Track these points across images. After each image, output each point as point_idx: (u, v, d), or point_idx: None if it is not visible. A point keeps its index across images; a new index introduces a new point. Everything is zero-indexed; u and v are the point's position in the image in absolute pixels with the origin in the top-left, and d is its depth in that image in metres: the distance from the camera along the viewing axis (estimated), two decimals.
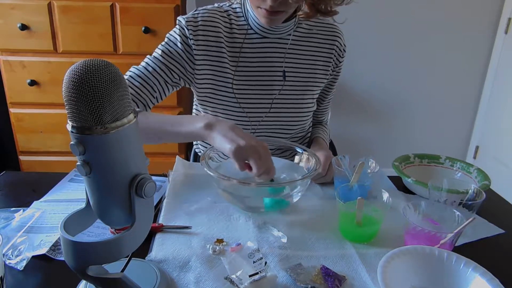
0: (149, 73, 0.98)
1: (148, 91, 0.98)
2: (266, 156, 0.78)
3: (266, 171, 0.77)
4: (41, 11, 1.84)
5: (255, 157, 0.76)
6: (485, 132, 2.66)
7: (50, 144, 2.06)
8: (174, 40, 1.00)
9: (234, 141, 0.77)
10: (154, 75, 0.98)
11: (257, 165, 0.76)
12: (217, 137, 0.80)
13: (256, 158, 0.76)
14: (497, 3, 2.47)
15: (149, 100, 0.99)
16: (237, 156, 0.76)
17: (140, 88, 0.97)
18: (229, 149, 0.76)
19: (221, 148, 0.79)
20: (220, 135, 0.79)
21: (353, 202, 0.76)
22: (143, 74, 0.97)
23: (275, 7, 0.89)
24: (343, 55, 1.12)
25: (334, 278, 0.63)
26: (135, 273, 0.60)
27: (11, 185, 0.96)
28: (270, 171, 0.78)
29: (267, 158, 0.78)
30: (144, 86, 0.97)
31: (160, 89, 1.00)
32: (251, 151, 0.76)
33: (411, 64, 2.58)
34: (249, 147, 0.76)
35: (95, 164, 0.49)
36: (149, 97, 0.98)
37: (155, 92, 0.99)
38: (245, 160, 0.77)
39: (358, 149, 2.74)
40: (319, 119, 1.26)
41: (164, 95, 1.02)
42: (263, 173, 0.77)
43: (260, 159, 0.76)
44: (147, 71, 0.98)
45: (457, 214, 0.73)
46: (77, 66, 0.45)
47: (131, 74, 0.98)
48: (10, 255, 0.68)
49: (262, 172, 0.77)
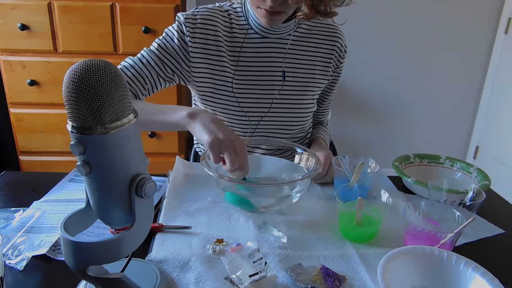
0: (142, 65, 0.99)
1: (139, 82, 0.99)
2: (242, 153, 0.78)
3: (239, 168, 0.77)
4: (41, 11, 1.84)
5: (230, 151, 0.76)
6: (485, 132, 2.66)
7: (50, 144, 2.06)
8: (171, 35, 1.01)
9: (212, 133, 0.77)
10: (147, 67, 0.99)
11: (231, 160, 0.76)
12: (197, 126, 0.80)
13: (231, 153, 0.76)
14: (497, 3, 2.47)
15: (139, 92, 1.00)
16: (213, 148, 0.76)
17: (132, 79, 0.98)
18: (206, 140, 0.77)
19: (200, 138, 0.79)
20: (200, 125, 0.80)
21: (353, 202, 0.76)
22: (136, 65, 0.99)
23: (275, 8, 0.90)
24: (344, 56, 1.12)
25: (334, 278, 0.63)
26: (135, 273, 0.60)
27: (11, 185, 0.96)
28: (243, 168, 0.78)
29: (243, 154, 0.78)
30: (136, 77, 0.98)
31: (151, 82, 1.00)
32: (228, 145, 0.76)
33: (411, 64, 2.58)
34: (226, 141, 0.76)
35: (95, 164, 0.49)
36: (140, 89, 0.99)
37: (146, 84, 1.00)
38: (220, 153, 0.77)
39: (358, 149, 2.74)
40: (320, 119, 1.26)
41: (156, 89, 1.03)
42: (236, 169, 0.77)
43: (236, 155, 0.77)
44: (140, 62, 0.99)
45: (457, 214, 0.73)
46: (77, 66, 0.45)
47: (125, 64, 0.99)
48: (10, 255, 0.68)
49: (235, 168, 0.77)
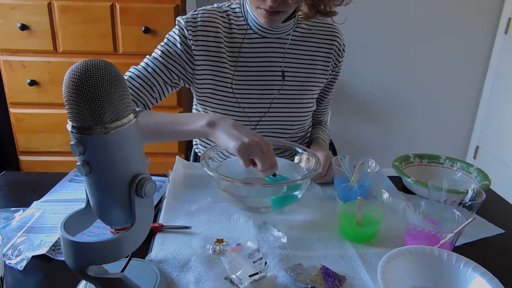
0: (148, 74, 0.98)
1: (147, 92, 0.98)
2: (270, 152, 0.79)
3: (270, 166, 0.79)
4: (41, 11, 1.84)
5: (259, 153, 0.77)
6: (485, 132, 2.66)
7: (50, 144, 2.06)
8: (173, 41, 1.00)
9: (238, 139, 0.78)
10: (153, 76, 0.98)
11: (262, 160, 0.77)
12: (221, 134, 0.81)
13: (260, 154, 0.77)
14: (497, 3, 2.47)
15: (148, 101, 0.99)
16: (241, 152, 0.77)
17: (140, 89, 0.97)
18: (234, 146, 0.77)
19: (225, 145, 0.80)
20: (223, 133, 0.81)
21: (353, 202, 0.76)
22: (143, 75, 0.98)
23: (274, 8, 0.90)
24: (342, 55, 1.12)
25: (334, 278, 0.63)
26: (135, 273, 0.60)
27: (11, 185, 0.96)
28: (274, 166, 0.79)
29: (271, 153, 0.80)
30: (144, 86, 0.97)
31: (159, 90, 1.00)
32: (255, 147, 0.77)
33: (411, 64, 2.58)
34: (253, 144, 0.77)
35: (95, 164, 0.49)
36: (149, 98, 0.99)
37: (155, 92, 0.99)
38: (249, 157, 0.78)
39: (358, 149, 2.74)
40: (319, 119, 1.26)
41: (164, 96, 1.02)
42: (268, 168, 0.78)
43: (264, 154, 0.78)
44: (146, 71, 0.98)
45: (457, 214, 0.73)
46: (77, 66, 0.45)
47: (131, 75, 0.98)
48: (10, 255, 0.68)
49: (267, 167, 0.78)
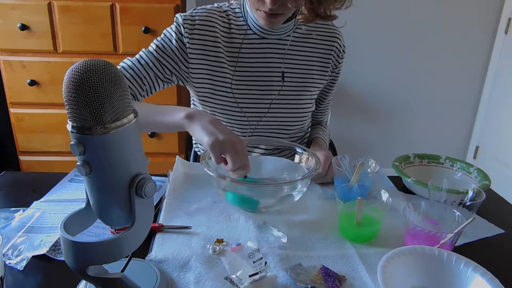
0: (140, 66, 0.99)
1: (137, 84, 0.99)
2: (243, 152, 0.78)
3: (241, 167, 0.78)
4: (41, 11, 1.84)
5: (232, 151, 0.77)
6: (485, 132, 2.66)
7: (50, 144, 2.06)
8: (169, 36, 1.01)
9: (212, 134, 0.78)
10: (145, 68, 0.99)
11: (233, 160, 0.77)
12: (197, 128, 0.81)
13: (233, 153, 0.77)
14: (497, 3, 2.47)
15: (138, 93, 1.00)
16: (214, 149, 0.77)
17: (130, 80, 0.98)
18: (207, 141, 0.77)
19: (200, 139, 0.80)
20: (199, 127, 0.80)
21: (353, 202, 0.76)
22: (135, 66, 0.99)
23: (274, 10, 0.89)
24: (342, 56, 1.12)
25: (334, 278, 0.63)
26: (135, 273, 0.60)
27: (11, 185, 0.96)
28: (245, 167, 0.79)
29: (244, 154, 0.79)
30: (134, 78, 0.98)
31: (150, 83, 1.01)
32: (229, 146, 0.77)
33: (411, 64, 2.58)
34: (226, 141, 0.77)
35: (95, 164, 0.49)
36: (138, 90, 1.00)
37: (145, 85, 1.00)
38: (221, 154, 0.78)
39: (358, 149, 2.74)
40: (319, 119, 1.26)
41: (154, 90, 1.03)
42: (238, 168, 0.78)
43: (237, 154, 0.77)
44: (139, 63, 0.99)
45: (457, 214, 0.73)
46: (77, 66, 0.45)
47: (124, 65, 0.99)
48: (10, 255, 0.68)
49: (238, 167, 0.77)
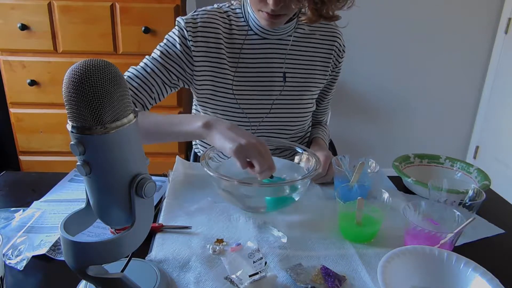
0: (147, 74, 0.98)
1: (146, 92, 0.98)
2: (267, 153, 0.79)
3: (268, 168, 0.78)
4: (41, 11, 1.84)
5: (257, 155, 0.77)
6: (485, 132, 2.66)
7: (50, 144, 2.06)
8: (173, 41, 1.00)
9: (234, 140, 0.77)
10: (152, 76, 0.98)
11: (260, 162, 0.77)
12: (217, 136, 0.80)
13: (258, 156, 0.77)
14: (497, 3, 2.47)
15: (147, 101, 0.99)
16: (238, 154, 0.77)
17: (138, 89, 0.97)
18: (230, 148, 0.77)
19: (222, 147, 0.79)
20: (219, 134, 0.80)
21: (353, 202, 0.76)
22: (142, 75, 0.98)
23: (276, 11, 0.89)
24: (342, 55, 1.12)
25: (334, 278, 0.63)
26: (135, 273, 0.60)
27: (11, 185, 0.96)
28: (271, 167, 0.79)
29: (268, 155, 0.79)
30: (142, 87, 0.97)
31: (158, 90, 1.00)
32: (252, 149, 0.77)
33: (411, 64, 2.58)
34: (249, 145, 0.77)
35: (95, 164, 0.49)
36: (147, 98, 0.98)
37: (153, 93, 0.99)
38: (246, 159, 0.78)
39: (358, 149, 2.74)
40: (319, 119, 1.26)
41: (163, 96, 1.02)
42: (266, 169, 0.78)
43: (262, 156, 0.77)
44: (145, 72, 0.98)
45: (457, 214, 0.73)
46: (77, 66, 0.45)
47: (130, 75, 0.98)
48: (10, 255, 0.68)
49: (265, 169, 0.77)
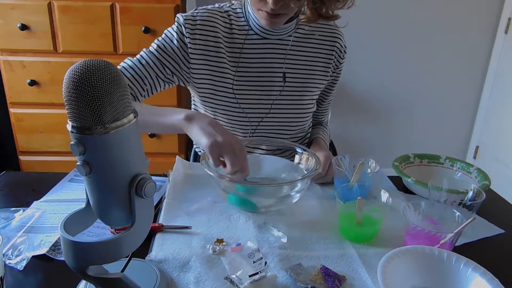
0: (141, 66, 0.98)
1: (138, 83, 0.98)
2: (242, 155, 0.77)
3: (240, 170, 0.77)
4: (41, 11, 1.83)
5: (230, 154, 0.76)
6: (485, 132, 2.66)
7: (50, 144, 2.06)
8: (170, 36, 1.01)
9: (211, 136, 0.77)
10: (146, 68, 0.99)
11: (232, 162, 0.76)
12: (195, 130, 0.80)
13: (231, 155, 0.76)
14: (497, 3, 2.47)
15: (138, 93, 0.99)
16: (212, 151, 0.76)
17: (131, 80, 0.97)
18: (205, 143, 0.76)
19: (198, 141, 0.79)
20: (198, 128, 0.79)
21: (353, 202, 0.76)
22: (136, 66, 0.98)
23: (276, 10, 0.89)
24: (343, 56, 1.12)
25: (334, 278, 0.63)
26: (135, 273, 0.60)
27: (11, 185, 0.96)
28: (244, 170, 0.78)
29: (243, 156, 0.78)
30: (135, 78, 0.98)
31: (151, 83, 1.00)
32: (227, 148, 0.76)
33: (411, 64, 2.58)
34: (225, 144, 0.76)
35: (95, 164, 0.49)
36: (139, 90, 0.99)
37: (146, 85, 0.99)
38: (220, 157, 0.77)
39: (358, 149, 2.74)
40: (319, 119, 1.26)
41: (155, 90, 1.02)
42: (237, 171, 0.77)
43: (236, 157, 0.76)
44: (140, 63, 0.99)
45: (457, 214, 0.73)
46: (77, 66, 0.45)
47: (124, 65, 0.99)
48: (10, 255, 0.68)
49: (236, 170, 0.76)
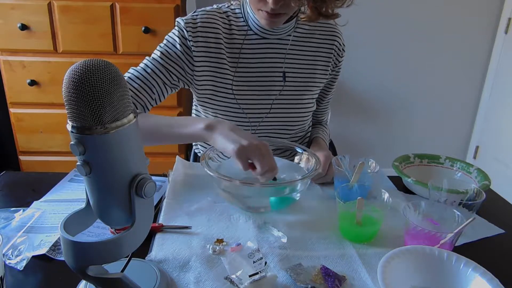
0: (148, 75, 0.98)
1: (146, 93, 0.98)
2: (269, 155, 0.78)
3: (270, 170, 0.77)
4: (41, 11, 1.84)
5: (258, 156, 0.76)
6: (485, 132, 2.66)
7: (50, 144, 2.06)
8: (173, 42, 1.00)
9: (236, 142, 0.77)
10: (153, 77, 0.98)
11: (261, 164, 0.76)
12: (219, 138, 0.80)
13: (260, 157, 0.76)
14: (497, 3, 2.47)
15: (147, 102, 0.99)
16: (240, 156, 0.76)
17: (139, 90, 0.97)
18: (232, 149, 0.76)
19: (224, 148, 0.79)
20: (221, 136, 0.80)
21: (353, 202, 0.76)
22: (142, 76, 0.97)
23: (276, 10, 0.89)
24: (342, 55, 1.12)
25: (334, 278, 0.63)
26: (135, 273, 0.60)
27: (11, 185, 0.96)
28: (273, 169, 0.78)
29: (270, 156, 0.78)
30: (143, 87, 0.97)
31: (158, 91, 0.99)
32: (254, 151, 0.76)
33: (411, 64, 2.58)
34: (251, 147, 0.76)
35: (95, 164, 0.49)
36: (148, 99, 0.98)
37: (154, 94, 0.99)
38: (248, 160, 0.78)
39: (358, 149, 2.74)
40: (319, 119, 1.26)
41: (163, 97, 1.02)
42: (267, 171, 0.77)
43: (264, 158, 0.77)
44: (146, 72, 0.98)
45: (457, 214, 0.73)
46: (77, 66, 0.45)
47: (130, 76, 0.98)
48: (10, 255, 0.68)
49: (266, 170, 0.77)
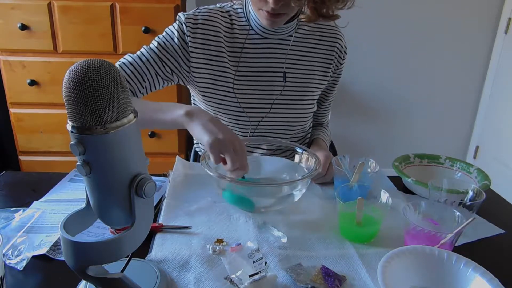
0: (141, 63, 0.98)
1: (137, 80, 0.98)
2: (242, 152, 0.78)
3: (240, 167, 0.77)
4: (41, 11, 1.83)
5: (231, 151, 0.76)
6: (485, 132, 2.66)
7: (50, 144, 2.06)
8: (171, 35, 1.01)
9: (212, 133, 0.77)
10: (146, 65, 0.98)
11: (232, 160, 0.76)
12: (197, 126, 0.80)
13: (232, 153, 0.76)
14: (497, 3, 2.47)
15: (137, 89, 0.99)
16: (213, 148, 0.76)
17: (130, 76, 0.97)
18: (207, 141, 0.76)
19: (199, 138, 0.79)
20: (199, 125, 0.79)
21: (353, 202, 0.76)
22: (135, 63, 0.98)
23: (276, 10, 0.89)
24: (344, 57, 1.12)
25: (334, 278, 0.63)
26: (135, 273, 0.60)
27: (11, 185, 0.96)
28: (244, 167, 0.78)
29: (243, 154, 0.78)
30: (135, 74, 0.98)
31: (150, 80, 1.00)
32: (228, 145, 0.76)
33: (411, 64, 2.58)
34: (226, 141, 0.76)
35: (95, 164, 0.49)
36: (138, 86, 0.99)
37: (145, 82, 0.99)
38: (220, 154, 0.77)
39: (358, 149, 2.74)
40: (320, 120, 1.26)
41: (154, 87, 1.02)
42: (237, 168, 0.77)
43: (236, 154, 0.76)
44: (140, 60, 0.99)
45: (457, 214, 0.73)
46: (77, 66, 0.45)
47: (124, 61, 0.99)
48: (10, 255, 0.68)
49: (236, 167, 0.77)
